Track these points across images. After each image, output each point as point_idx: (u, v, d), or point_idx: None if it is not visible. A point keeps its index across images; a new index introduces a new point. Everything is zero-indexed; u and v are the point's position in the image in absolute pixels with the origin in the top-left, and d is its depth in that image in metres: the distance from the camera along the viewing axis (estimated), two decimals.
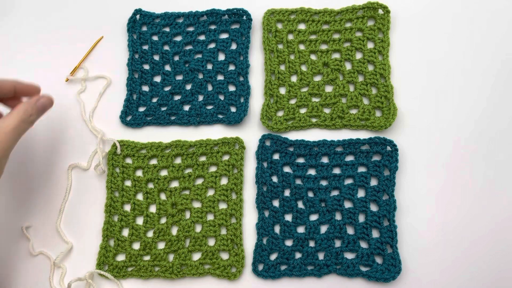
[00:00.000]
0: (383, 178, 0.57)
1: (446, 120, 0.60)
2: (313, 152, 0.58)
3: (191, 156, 0.59)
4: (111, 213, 0.57)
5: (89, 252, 0.57)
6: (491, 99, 0.61)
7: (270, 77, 0.62)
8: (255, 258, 0.55)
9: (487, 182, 0.58)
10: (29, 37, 0.65)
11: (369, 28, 0.63)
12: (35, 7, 0.67)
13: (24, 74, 0.63)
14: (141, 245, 0.56)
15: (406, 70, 0.62)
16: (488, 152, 0.59)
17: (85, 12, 0.66)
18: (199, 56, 0.63)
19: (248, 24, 0.64)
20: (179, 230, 0.56)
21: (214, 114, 0.61)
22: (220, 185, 0.58)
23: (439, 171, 0.58)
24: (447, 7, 0.65)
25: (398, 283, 0.55)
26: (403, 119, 0.60)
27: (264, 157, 0.58)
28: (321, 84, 0.61)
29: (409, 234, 0.56)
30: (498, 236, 0.56)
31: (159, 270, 0.55)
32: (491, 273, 0.55)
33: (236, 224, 0.56)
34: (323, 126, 0.60)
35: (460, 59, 0.62)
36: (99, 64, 0.64)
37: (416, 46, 0.63)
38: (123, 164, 0.59)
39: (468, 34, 0.64)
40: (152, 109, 0.61)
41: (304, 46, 0.63)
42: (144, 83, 0.63)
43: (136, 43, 0.64)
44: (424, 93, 0.61)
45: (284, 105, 0.61)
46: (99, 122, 0.61)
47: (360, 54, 0.63)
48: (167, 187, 0.58)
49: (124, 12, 0.65)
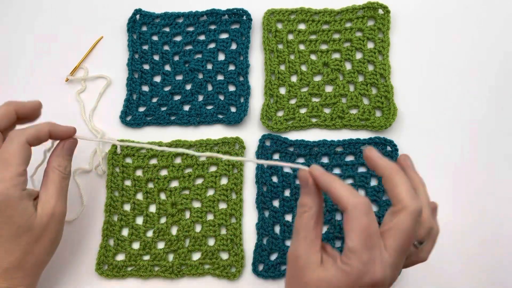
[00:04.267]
0: None
1: (446, 120, 0.60)
2: (313, 152, 0.58)
3: (191, 156, 0.59)
4: (111, 212, 0.57)
5: (89, 251, 0.57)
6: (491, 99, 0.61)
7: (270, 77, 0.62)
8: (255, 258, 0.55)
9: (487, 182, 0.58)
10: (29, 37, 0.66)
11: (369, 28, 0.63)
12: (35, 7, 0.67)
13: (24, 74, 0.64)
14: (141, 245, 0.56)
15: (406, 70, 0.62)
16: (489, 152, 0.59)
17: (85, 12, 0.66)
18: (199, 56, 0.63)
19: (248, 24, 0.64)
20: (179, 230, 0.56)
21: (214, 114, 0.61)
22: (220, 185, 0.58)
23: (439, 171, 0.58)
24: (447, 7, 0.65)
25: (398, 283, 0.55)
26: (403, 119, 0.60)
27: (264, 157, 0.58)
28: (321, 84, 0.61)
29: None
30: (499, 236, 0.56)
31: (158, 269, 0.55)
32: (492, 274, 0.55)
33: (236, 224, 0.56)
34: (323, 126, 0.60)
35: (460, 59, 0.62)
36: (99, 64, 0.64)
37: (416, 46, 0.63)
38: (123, 164, 0.59)
39: (468, 34, 0.64)
40: (152, 109, 0.61)
41: (304, 46, 0.63)
42: (144, 83, 0.63)
43: (136, 43, 0.64)
44: (424, 93, 0.61)
45: (284, 105, 0.61)
46: (99, 122, 0.61)
47: (360, 54, 0.63)
48: (167, 186, 0.58)
49: (124, 12, 0.65)
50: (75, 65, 0.64)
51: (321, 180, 0.40)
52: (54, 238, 0.47)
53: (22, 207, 0.44)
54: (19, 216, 0.43)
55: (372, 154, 0.42)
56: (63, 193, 0.47)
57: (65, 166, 0.48)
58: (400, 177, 0.40)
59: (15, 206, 0.43)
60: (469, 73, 0.62)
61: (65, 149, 0.48)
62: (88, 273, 0.56)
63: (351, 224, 0.37)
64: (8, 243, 0.44)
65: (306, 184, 0.41)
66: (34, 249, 0.45)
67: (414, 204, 0.38)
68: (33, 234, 0.45)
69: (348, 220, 0.37)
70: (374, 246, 0.37)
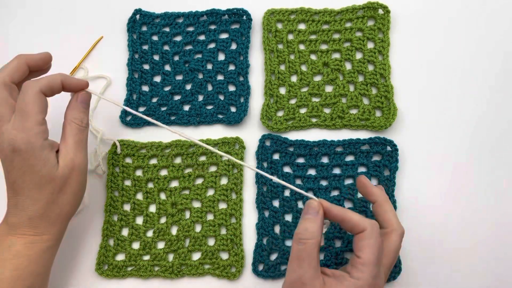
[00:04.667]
0: (383, 178, 0.57)
1: (446, 120, 0.60)
2: (313, 152, 0.58)
3: (191, 156, 0.59)
4: (111, 212, 0.57)
5: (89, 251, 0.57)
6: (491, 99, 0.61)
7: (270, 77, 0.62)
8: (255, 258, 0.55)
9: (488, 181, 0.58)
10: (29, 37, 0.66)
11: (369, 28, 0.63)
12: (35, 7, 0.67)
13: None
14: (141, 245, 0.56)
15: (406, 70, 0.62)
16: (489, 151, 0.59)
17: (85, 12, 0.66)
18: (199, 56, 0.63)
19: (248, 24, 0.64)
20: (179, 230, 0.56)
21: (214, 114, 0.61)
22: (220, 185, 0.58)
23: (439, 171, 0.58)
24: (447, 7, 0.65)
25: (398, 283, 0.55)
26: (403, 119, 0.60)
27: (264, 157, 0.58)
28: (321, 84, 0.61)
29: (409, 234, 0.55)
30: (499, 236, 0.56)
31: (158, 269, 0.55)
32: (492, 274, 0.55)
33: (236, 224, 0.56)
34: (323, 126, 0.60)
35: (461, 59, 0.62)
36: (99, 64, 0.64)
37: (416, 46, 0.63)
38: (123, 164, 0.59)
39: (468, 34, 0.64)
40: (152, 109, 0.61)
41: (304, 46, 0.63)
42: (144, 83, 0.63)
43: (136, 43, 0.64)
44: (424, 93, 0.61)
45: (284, 105, 0.61)
46: (99, 122, 0.61)
47: (360, 54, 0.63)
48: (167, 186, 0.58)
49: (124, 12, 0.65)
50: (75, 65, 0.64)
51: (335, 210, 0.44)
52: (77, 190, 0.49)
53: (44, 156, 0.45)
54: (41, 166, 0.45)
55: (367, 181, 0.49)
56: (82, 145, 0.49)
57: (81, 119, 0.49)
58: (389, 204, 0.48)
59: (37, 155, 0.44)
60: (469, 73, 0.62)
61: (79, 101, 0.50)
62: (88, 273, 0.56)
63: (368, 241, 0.42)
64: (32, 192, 0.45)
65: (317, 213, 0.44)
66: (57, 199, 0.47)
67: (401, 227, 0.47)
68: (55, 185, 0.46)
69: (365, 237, 0.42)
70: (381, 263, 0.43)
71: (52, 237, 0.48)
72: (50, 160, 0.46)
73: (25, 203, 0.46)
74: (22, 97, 0.45)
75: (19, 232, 0.46)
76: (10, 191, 0.46)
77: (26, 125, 0.44)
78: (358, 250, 0.42)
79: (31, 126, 0.44)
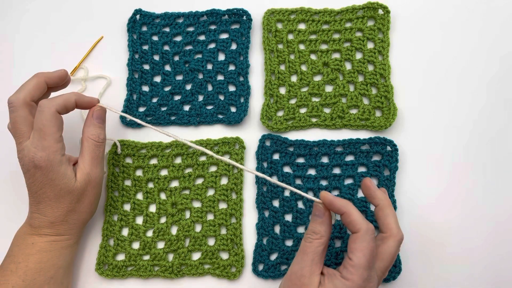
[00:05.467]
0: (383, 178, 0.57)
1: (446, 120, 0.60)
2: (313, 152, 0.58)
3: (191, 156, 0.59)
4: (111, 212, 0.57)
5: (89, 251, 0.57)
6: (491, 99, 0.61)
7: (270, 77, 0.62)
8: (255, 258, 0.55)
9: (487, 181, 0.58)
10: (29, 37, 0.66)
11: (369, 28, 0.63)
12: (35, 7, 0.67)
13: (25, 74, 0.64)
14: (141, 245, 0.56)
15: (406, 70, 0.62)
16: (489, 151, 0.59)
17: (85, 12, 0.66)
18: (199, 56, 0.63)
19: (248, 24, 0.64)
20: (179, 230, 0.56)
21: (214, 114, 0.61)
22: (220, 185, 0.58)
23: (439, 171, 0.58)
24: (447, 7, 0.65)
25: (398, 283, 0.55)
26: (403, 119, 0.60)
27: (264, 157, 0.58)
28: (321, 84, 0.61)
29: (409, 234, 0.56)
30: (499, 236, 0.56)
31: (158, 269, 0.55)
32: (492, 274, 0.55)
33: (236, 224, 0.56)
34: (323, 126, 0.60)
35: (460, 59, 0.62)
36: (99, 64, 0.64)
37: (416, 46, 0.63)
38: (123, 164, 0.59)
39: (467, 34, 0.64)
40: (152, 109, 0.61)
41: (304, 46, 0.63)
42: (144, 83, 0.63)
43: (136, 43, 0.64)
44: (424, 93, 0.61)
45: (284, 105, 0.61)
46: None
47: (360, 54, 0.63)
48: (167, 186, 0.58)
49: (124, 12, 0.65)
50: (75, 65, 0.64)
51: (337, 203, 0.45)
52: (93, 199, 0.53)
53: (62, 171, 0.49)
54: (60, 180, 0.49)
55: (372, 184, 0.49)
56: (98, 160, 0.53)
57: (98, 134, 0.53)
58: (391, 209, 0.48)
59: (56, 170, 0.49)
60: (469, 73, 0.62)
61: (95, 117, 0.53)
62: (88, 273, 0.56)
63: (361, 244, 0.43)
64: (52, 201, 0.50)
65: (322, 215, 0.46)
66: (75, 208, 0.51)
67: (400, 233, 0.47)
68: (73, 196, 0.50)
69: (358, 240, 0.43)
70: (373, 267, 0.43)
71: (72, 237, 0.52)
72: (68, 174, 0.50)
73: (46, 211, 0.50)
74: (39, 116, 0.48)
75: (41, 232, 0.50)
76: (32, 199, 0.51)
77: (44, 143, 0.48)
78: (350, 252, 0.43)
79: (49, 145, 0.48)
